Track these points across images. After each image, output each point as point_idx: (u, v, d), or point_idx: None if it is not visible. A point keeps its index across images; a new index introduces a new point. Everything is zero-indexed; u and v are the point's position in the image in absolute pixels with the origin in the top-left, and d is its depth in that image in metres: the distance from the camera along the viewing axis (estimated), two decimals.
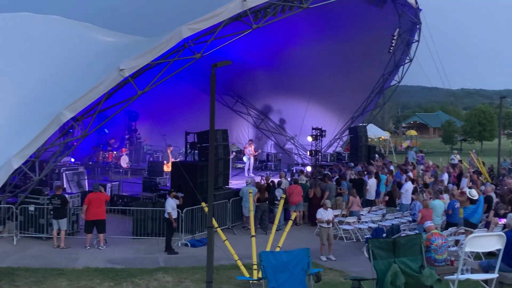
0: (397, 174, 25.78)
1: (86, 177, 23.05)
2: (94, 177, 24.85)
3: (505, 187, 21.69)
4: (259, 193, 19.76)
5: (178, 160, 27.30)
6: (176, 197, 17.12)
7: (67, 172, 22.01)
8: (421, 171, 29.36)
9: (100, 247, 16.40)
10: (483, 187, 21.77)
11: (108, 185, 21.99)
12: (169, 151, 30.52)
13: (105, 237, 16.73)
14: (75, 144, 20.13)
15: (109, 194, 20.56)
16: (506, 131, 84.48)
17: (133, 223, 17.91)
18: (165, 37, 17.18)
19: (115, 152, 30.08)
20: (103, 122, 20.37)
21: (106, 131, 30.87)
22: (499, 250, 9.41)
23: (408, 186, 21.10)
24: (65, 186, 20.82)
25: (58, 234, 16.47)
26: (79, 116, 17.09)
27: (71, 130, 17.98)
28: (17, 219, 17.05)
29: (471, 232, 14.82)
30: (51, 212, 16.78)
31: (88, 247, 16.31)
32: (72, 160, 25.94)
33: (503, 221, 15.42)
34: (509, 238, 9.65)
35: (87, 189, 21.79)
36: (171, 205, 16.68)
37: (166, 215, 16.57)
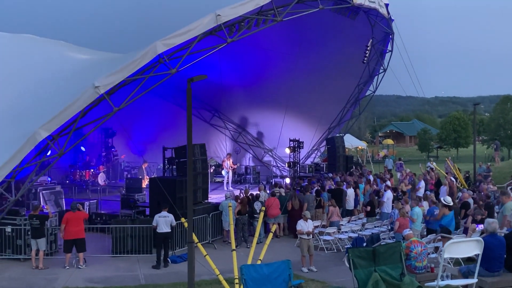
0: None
1: (63, 196, 22.79)
2: (71, 196, 24.57)
3: (482, 193, 21.92)
4: (240, 206, 19.76)
5: (154, 175, 27.12)
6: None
7: (44, 191, 21.74)
8: (399, 179, 29.56)
9: (79, 267, 16.19)
10: (460, 194, 22.00)
11: (86, 203, 21.74)
12: (143, 167, 30.38)
13: (84, 256, 16.52)
14: (51, 163, 19.88)
15: (87, 213, 20.33)
16: (480, 138, 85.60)
17: (112, 241, 17.74)
18: (140, 53, 17.12)
19: (92, 170, 29.82)
20: (79, 140, 20.16)
21: (83, 149, 30.58)
22: (477, 255, 9.51)
23: (389, 195, 21.27)
24: (42, 205, 20.55)
25: (37, 254, 16.24)
26: (54, 134, 16.88)
27: (47, 149, 17.76)
28: None
29: (449, 239, 14.95)
30: (29, 233, 16.56)
31: (67, 267, 16.09)
32: (49, 179, 25.63)
33: (481, 226, 15.59)
34: (487, 243, 9.78)
35: (64, 208, 21.52)
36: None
37: (168, 229, 16.67)
